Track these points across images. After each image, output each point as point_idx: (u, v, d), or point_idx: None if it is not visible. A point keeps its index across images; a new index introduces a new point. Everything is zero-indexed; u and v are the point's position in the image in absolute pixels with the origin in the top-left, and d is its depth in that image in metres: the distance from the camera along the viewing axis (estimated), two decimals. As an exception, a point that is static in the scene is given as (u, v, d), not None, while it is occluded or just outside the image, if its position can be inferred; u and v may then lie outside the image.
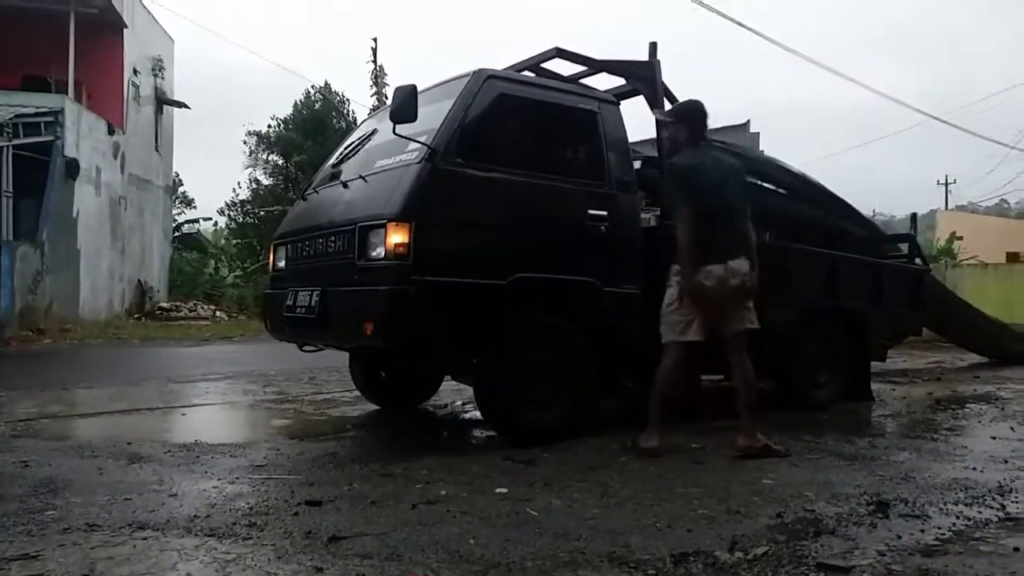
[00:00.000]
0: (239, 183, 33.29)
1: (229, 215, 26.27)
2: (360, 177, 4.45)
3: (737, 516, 3.08)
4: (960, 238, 33.25)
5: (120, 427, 5.00)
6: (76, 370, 8.76)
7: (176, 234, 24.50)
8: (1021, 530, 2.92)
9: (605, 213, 4.56)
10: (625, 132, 4.87)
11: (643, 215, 4.98)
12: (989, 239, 34.26)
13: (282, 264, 5.06)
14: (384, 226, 3.95)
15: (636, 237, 4.73)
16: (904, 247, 7.13)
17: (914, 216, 7.27)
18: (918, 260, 6.89)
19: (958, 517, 3.11)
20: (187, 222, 27.70)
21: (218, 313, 17.59)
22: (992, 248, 32.98)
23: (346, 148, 5.17)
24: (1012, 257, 34.53)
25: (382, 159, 4.44)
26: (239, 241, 26.36)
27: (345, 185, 4.58)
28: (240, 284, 22.15)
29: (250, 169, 26.08)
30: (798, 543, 2.77)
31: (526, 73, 5.43)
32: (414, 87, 3.97)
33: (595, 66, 5.40)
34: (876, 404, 6.24)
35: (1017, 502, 3.37)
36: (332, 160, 5.24)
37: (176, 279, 20.33)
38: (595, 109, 4.75)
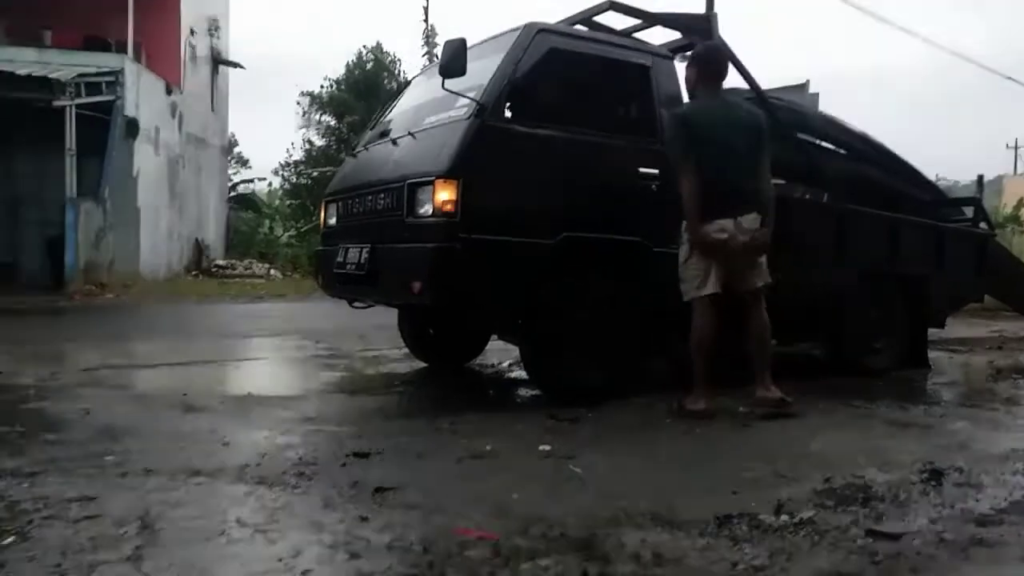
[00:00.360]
0: (292, 144, 33.73)
1: (283, 175, 26.61)
2: (409, 134, 4.44)
3: (783, 480, 3.04)
4: (1029, 204, 32.06)
5: (176, 379, 5.15)
6: (136, 324, 9.07)
7: (232, 194, 24.95)
8: (1083, 503, 2.82)
9: (656, 171, 4.47)
10: (679, 87, 4.73)
11: None
12: (1061, 203, 33.00)
13: (333, 221, 5.11)
14: (432, 183, 3.94)
15: (687, 196, 4.62)
16: (969, 211, 6.85)
17: (980, 178, 6.96)
18: (983, 224, 6.61)
19: (1015, 488, 3.01)
20: (242, 182, 28.16)
21: (272, 271, 17.91)
22: (1062, 215, 31.75)
23: (396, 105, 5.16)
24: (1084, 225, 33.21)
25: (431, 116, 4.42)
26: (292, 202, 26.70)
27: (395, 142, 4.58)
28: (294, 244, 22.49)
29: (303, 130, 26.30)
30: (846, 508, 2.72)
31: (578, 27, 5.32)
32: (463, 40, 3.91)
33: (650, 19, 5.25)
34: (933, 372, 6.07)
35: (1079, 475, 3.25)
36: (382, 117, 5.24)
37: (232, 238, 20.77)
38: (648, 63, 4.64)
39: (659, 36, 5.45)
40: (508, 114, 4.09)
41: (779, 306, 5.04)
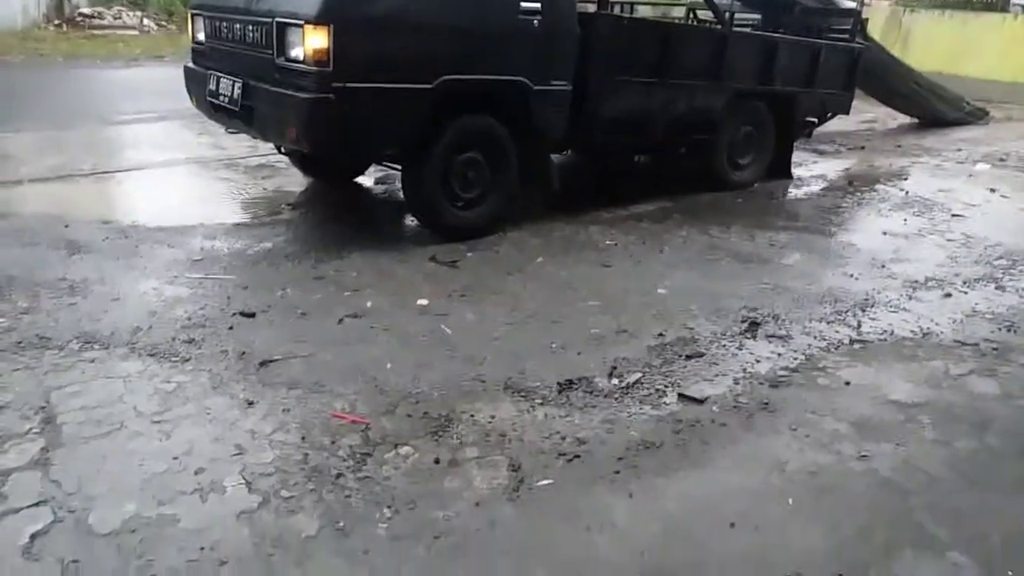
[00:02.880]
0: None
1: None
2: (278, -42, 4.13)
3: (624, 336, 3.51)
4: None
5: (57, 201, 5.05)
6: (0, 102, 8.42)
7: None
8: (860, 357, 3.42)
9: (538, 5, 4.38)
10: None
11: None
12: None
13: (201, 37, 4.83)
14: (302, 27, 3.79)
15: (570, 30, 4.60)
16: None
17: (861, -4, 7.02)
18: (859, 39, 6.79)
19: (815, 338, 3.59)
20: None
21: (145, 21, 16.29)
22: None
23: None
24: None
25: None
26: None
27: (262, -38, 4.26)
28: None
29: None
30: (669, 368, 3.23)
31: None
32: None
33: None
34: (793, 183, 6.57)
35: (874, 318, 3.87)
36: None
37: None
38: None
39: None
40: (383, -51, 3.85)
41: (661, 122, 5.34)
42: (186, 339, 3.24)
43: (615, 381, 3.10)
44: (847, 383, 3.16)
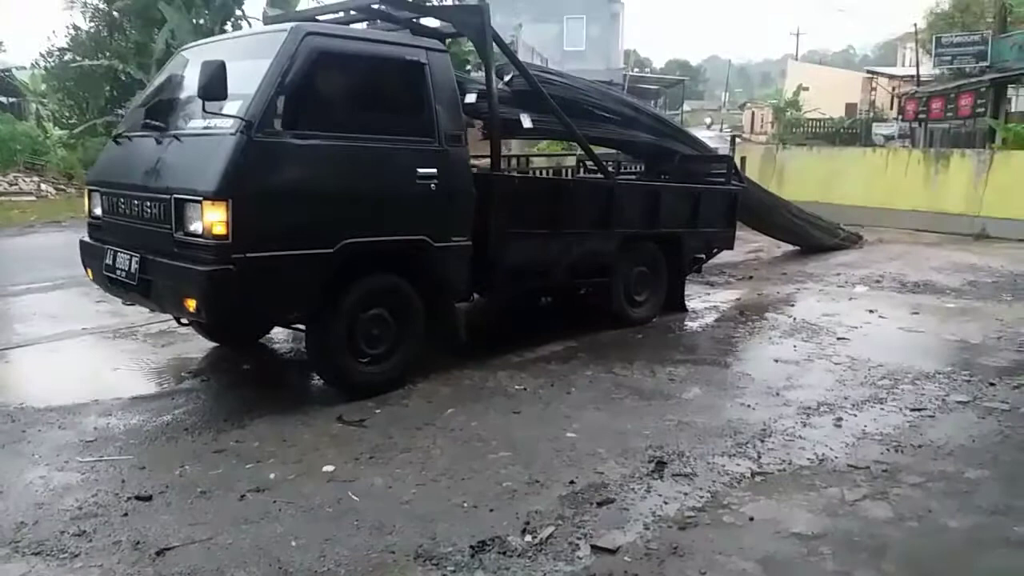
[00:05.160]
0: (53, 31, 30.79)
1: (46, 67, 23.43)
2: (174, 137, 4.27)
3: (536, 487, 3.52)
4: (806, 89, 35.73)
5: (-64, 385, 4.81)
6: None
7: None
8: (762, 490, 3.52)
9: (435, 171, 4.63)
10: (454, 81, 4.85)
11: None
12: (833, 87, 37.53)
13: (99, 212, 4.85)
14: (201, 203, 3.88)
15: (466, 190, 4.85)
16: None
17: (733, 139, 7.75)
18: (735, 180, 7.39)
19: (719, 473, 3.69)
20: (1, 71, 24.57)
21: (43, 187, 16.12)
22: (834, 97, 36.15)
23: (160, 87, 4.87)
24: (850, 109, 37.69)
25: (197, 118, 4.24)
26: (61, 89, 23.68)
27: (159, 141, 4.38)
28: (69, 142, 20.17)
29: (68, 11, 23.08)
30: (582, 518, 3.24)
31: (351, 25, 5.26)
32: (223, 63, 3.77)
33: (421, 11, 5.25)
34: (688, 316, 6.89)
35: (772, 448, 4.01)
36: (145, 98, 4.93)
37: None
38: (423, 60, 4.67)
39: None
40: (278, 127, 4.04)
41: (559, 268, 5.58)
42: (76, 532, 3.06)
43: (528, 538, 3.08)
44: (751, 519, 3.24)
